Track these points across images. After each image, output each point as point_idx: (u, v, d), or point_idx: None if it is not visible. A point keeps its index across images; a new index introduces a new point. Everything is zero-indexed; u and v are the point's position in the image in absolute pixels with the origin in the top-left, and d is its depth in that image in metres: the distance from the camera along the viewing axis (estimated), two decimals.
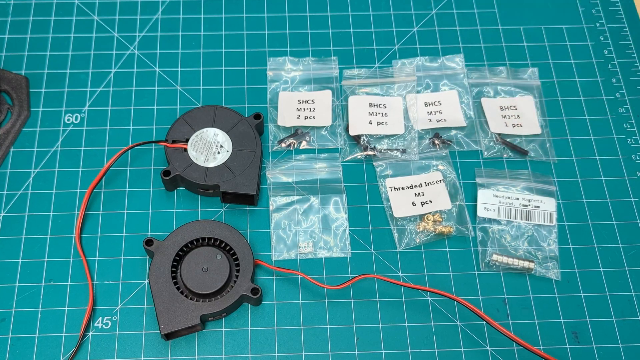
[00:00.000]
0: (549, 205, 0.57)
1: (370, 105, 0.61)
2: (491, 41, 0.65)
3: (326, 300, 0.54)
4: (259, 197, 0.58)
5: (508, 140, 0.60)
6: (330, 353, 0.52)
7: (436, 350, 0.52)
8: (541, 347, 0.52)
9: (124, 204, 0.57)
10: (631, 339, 0.53)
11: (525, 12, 0.67)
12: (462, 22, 0.66)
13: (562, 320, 0.53)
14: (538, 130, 0.61)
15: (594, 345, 0.52)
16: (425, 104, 0.61)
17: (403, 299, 0.54)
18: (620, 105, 0.63)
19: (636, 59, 0.65)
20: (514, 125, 0.61)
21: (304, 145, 0.60)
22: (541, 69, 0.64)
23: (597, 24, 0.67)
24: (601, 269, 0.55)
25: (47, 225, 0.56)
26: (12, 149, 0.59)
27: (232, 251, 0.53)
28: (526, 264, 0.55)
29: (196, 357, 0.51)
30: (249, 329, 0.53)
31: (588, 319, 0.53)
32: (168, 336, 0.51)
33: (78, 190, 0.57)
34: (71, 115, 0.61)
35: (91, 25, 0.65)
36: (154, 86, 0.62)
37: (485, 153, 0.60)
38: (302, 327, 0.53)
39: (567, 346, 0.52)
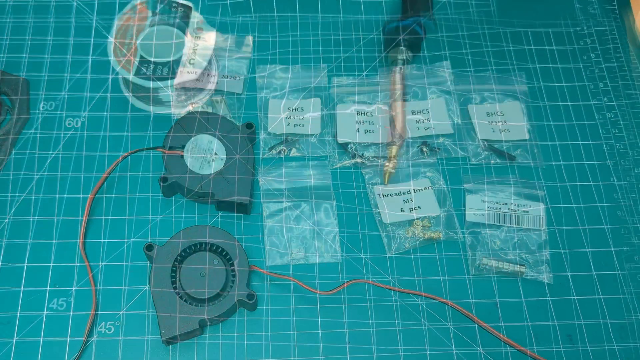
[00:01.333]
0: (537, 209, 0.57)
1: (358, 113, 0.62)
2: (477, 47, 0.65)
3: (319, 305, 0.54)
4: (252, 205, 0.58)
5: (495, 146, 0.60)
6: (322, 358, 0.52)
7: (427, 352, 0.52)
8: (535, 348, 0.52)
9: (125, 209, 0.57)
10: (624, 340, 0.53)
11: (512, 18, 0.67)
12: (448, 29, 0.66)
13: (556, 322, 0.53)
14: (525, 136, 0.61)
15: (588, 348, 0.52)
16: (413, 112, 0.62)
17: (394, 303, 0.54)
18: (608, 110, 0.63)
19: (623, 64, 0.65)
20: (501, 131, 0.61)
21: (294, 152, 0.60)
22: (528, 74, 0.64)
23: (585, 28, 0.67)
24: (594, 272, 0.55)
25: (52, 230, 0.56)
26: (12, 153, 0.59)
27: (228, 256, 0.54)
28: (516, 267, 0.55)
29: None
30: (245, 334, 0.53)
31: (583, 321, 0.53)
32: (168, 341, 0.51)
33: (81, 196, 0.57)
34: (72, 119, 0.61)
35: (90, 30, 0.65)
36: None
37: (473, 159, 0.60)
38: (295, 332, 0.53)
39: (562, 348, 0.52)
